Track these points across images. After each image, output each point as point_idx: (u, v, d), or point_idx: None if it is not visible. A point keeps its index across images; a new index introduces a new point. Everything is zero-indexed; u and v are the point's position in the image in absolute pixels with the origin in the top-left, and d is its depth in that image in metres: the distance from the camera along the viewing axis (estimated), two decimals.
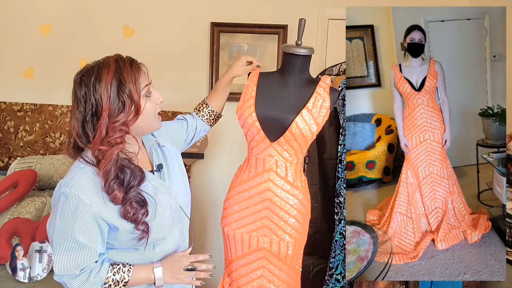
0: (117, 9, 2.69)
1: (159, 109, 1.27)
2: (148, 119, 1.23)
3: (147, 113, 1.21)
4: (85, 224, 1.15)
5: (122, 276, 1.20)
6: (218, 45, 2.66)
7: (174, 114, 2.70)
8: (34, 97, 2.76)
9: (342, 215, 2.17)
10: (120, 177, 1.16)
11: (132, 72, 1.17)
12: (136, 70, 1.19)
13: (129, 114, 1.16)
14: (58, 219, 1.15)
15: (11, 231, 2.22)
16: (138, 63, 1.23)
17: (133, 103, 1.16)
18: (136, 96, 1.16)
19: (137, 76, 1.18)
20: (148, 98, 1.22)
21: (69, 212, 1.14)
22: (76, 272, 1.16)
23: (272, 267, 1.58)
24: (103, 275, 1.18)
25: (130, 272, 1.21)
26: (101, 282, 1.17)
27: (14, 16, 2.72)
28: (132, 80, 1.16)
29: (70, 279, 1.17)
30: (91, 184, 1.16)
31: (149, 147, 1.36)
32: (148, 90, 1.22)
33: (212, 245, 2.83)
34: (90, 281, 1.16)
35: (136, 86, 1.17)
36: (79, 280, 1.16)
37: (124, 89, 1.15)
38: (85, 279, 1.16)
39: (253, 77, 1.63)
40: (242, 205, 1.59)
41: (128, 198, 1.16)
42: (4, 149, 2.76)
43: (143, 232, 1.19)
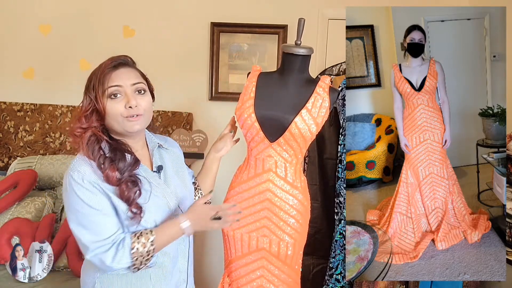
0: (117, 9, 2.69)
1: (127, 113, 1.25)
2: (114, 119, 1.26)
3: (110, 114, 1.25)
4: (98, 198, 1.21)
5: (146, 237, 1.23)
6: (218, 45, 2.66)
7: (174, 114, 2.70)
8: (34, 97, 2.76)
9: (342, 215, 2.17)
10: (112, 158, 1.23)
11: (102, 71, 1.25)
12: (108, 71, 1.25)
13: (91, 110, 1.25)
14: (73, 201, 1.21)
15: (11, 231, 2.22)
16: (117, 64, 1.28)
17: (94, 101, 1.24)
18: (98, 95, 1.24)
19: (105, 77, 1.24)
20: (113, 100, 1.25)
21: (80, 191, 1.20)
22: (106, 243, 1.20)
23: (272, 267, 1.58)
24: (128, 241, 1.21)
25: (152, 232, 1.24)
26: (129, 248, 1.21)
27: (14, 16, 2.72)
28: (97, 80, 1.24)
29: (103, 253, 1.20)
30: (91, 166, 1.23)
31: (151, 148, 1.40)
32: (117, 91, 1.25)
33: (212, 245, 2.83)
34: (119, 251, 1.20)
35: (102, 86, 1.24)
36: (111, 252, 1.20)
37: (89, 87, 1.25)
38: (115, 250, 1.20)
39: (252, 77, 1.62)
40: (242, 205, 1.58)
41: (123, 179, 1.22)
42: (4, 149, 2.76)
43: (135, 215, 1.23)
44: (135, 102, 1.25)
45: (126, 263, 1.21)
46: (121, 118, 1.25)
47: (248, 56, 2.69)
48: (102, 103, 1.24)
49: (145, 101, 1.29)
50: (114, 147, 1.26)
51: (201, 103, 2.75)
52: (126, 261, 1.21)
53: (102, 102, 1.24)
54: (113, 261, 1.20)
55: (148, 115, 1.31)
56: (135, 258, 1.21)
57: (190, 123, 2.73)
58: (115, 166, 1.22)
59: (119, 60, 1.29)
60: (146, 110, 1.30)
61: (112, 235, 1.21)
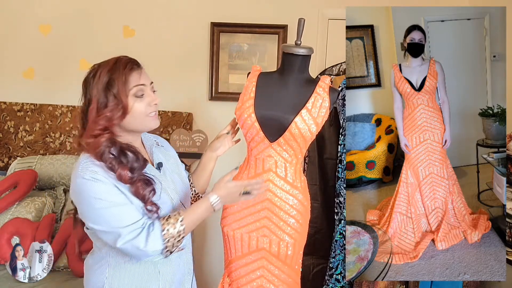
0: (117, 9, 2.69)
1: (152, 110, 1.30)
2: (138, 118, 1.27)
3: (135, 113, 1.26)
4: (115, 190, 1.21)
5: (175, 218, 1.25)
6: (218, 45, 2.66)
7: (174, 114, 2.70)
8: (34, 97, 2.76)
9: (342, 215, 2.17)
10: (122, 159, 1.23)
11: (123, 72, 1.24)
12: (129, 70, 1.25)
13: (115, 111, 1.22)
14: (89, 201, 1.20)
15: (11, 231, 2.22)
16: (135, 64, 1.28)
17: (119, 102, 1.22)
18: (124, 95, 1.23)
19: (128, 76, 1.24)
20: (138, 98, 1.27)
21: (95, 188, 1.19)
22: (136, 227, 1.20)
23: (272, 267, 1.58)
24: (158, 225, 1.23)
25: (180, 213, 1.27)
26: (160, 230, 1.22)
27: (14, 16, 2.72)
28: (122, 80, 1.23)
29: (135, 238, 1.20)
30: (100, 167, 1.22)
31: (149, 146, 1.42)
32: (141, 90, 1.27)
33: (212, 245, 2.83)
34: (151, 234, 1.21)
35: (126, 85, 1.23)
36: (143, 236, 1.20)
37: (111, 87, 1.22)
38: (146, 234, 1.21)
39: (252, 77, 1.62)
40: (242, 205, 1.59)
41: (135, 178, 1.23)
42: (4, 149, 2.76)
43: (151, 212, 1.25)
44: (157, 100, 1.31)
45: (159, 246, 1.22)
46: (144, 117, 1.28)
47: (248, 56, 2.69)
48: (127, 102, 1.24)
49: (159, 100, 1.34)
50: (123, 148, 1.26)
51: (201, 103, 2.75)
52: (159, 244, 1.21)
53: (127, 102, 1.24)
54: (146, 244, 1.20)
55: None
56: (167, 240, 1.22)
57: (190, 123, 2.73)
58: (126, 166, 1.23)
59: (135, 62, 1.30)
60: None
61: (140, 220, 1.22)
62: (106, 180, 1.20)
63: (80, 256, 2.17)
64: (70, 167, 2.53)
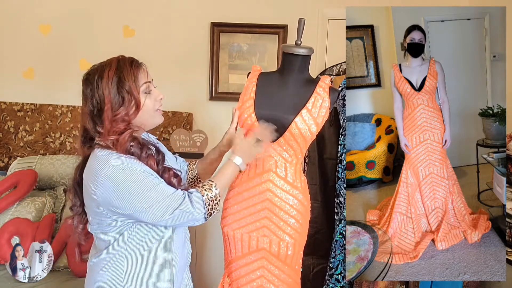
0: (117, 9, 2.69)
1: (159, 105, 1.36)
2: (148, 114, 1.33)
3: (146, 108, 1.31)
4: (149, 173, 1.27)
5: (209, 184, 1.35)
6: (218, 45, 2.66)
7: (174, 114, 2.70)
8: (34, 97, 2.76)
9: (342, 215, 2.17)
10: (148, 152, 1.31)
11: (131, 70, 1.29)
12: (136, 68, 1.30)
13: (129, 108, 1.28)
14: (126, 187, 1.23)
15: (11, 231, 2.22)
16: (138, 62, 1.34)
17: (133, 98, 1.28)
18: (136, 92, 1.28)
19: (137, 73, 1.30)
20: (147, 95, 1.33)
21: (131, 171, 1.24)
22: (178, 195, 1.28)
23: (272, 268, 1.58)
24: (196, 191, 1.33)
25: (211, 179, 1.38)
26: (200, 195, 1.32)
27: (14, 16, 2.72)
28: (132, 78, 1.28)
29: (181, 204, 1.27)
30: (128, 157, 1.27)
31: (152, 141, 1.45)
32: (148, 87, 1.33)
33: (212, 245, 2.83)
34: (193, 198, 1.30)
35: (136, 83, 1.28)
36: (187, 200, 1.28)
37: (124, 85, 1.26)
38: (189, 198, 1.29)
39: (252, 77, 1.62)
40: (242, 205, 1.59)
41: (163, 168, 1.33)
42: (4, 149, 2.76)
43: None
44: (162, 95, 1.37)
45: (203, 209, 1.31)
46: (153, 112, 1.35)
47: (248, 56, 2.69)
48: (139, 98, 1.29)
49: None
50: (145, 143, 1.33)
51: (201, 103, 2.75)
52: (202, 207, 1.31)
53: (139, 98, 1.29)
54: (193, 206, 1.29)
55: None
56: (207, 204, 1.32)
57: (190, 123, 2.73)
58: (153, 158, 1.31)
59: (135, 59, 1.34)
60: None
61: (178, 190, 1.30)
62: (140, 167, 1.26)
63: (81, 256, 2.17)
64: (70, 167, 2.53)
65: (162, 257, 1.37)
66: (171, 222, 1.29)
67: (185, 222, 1.31)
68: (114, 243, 1.31)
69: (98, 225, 1.32)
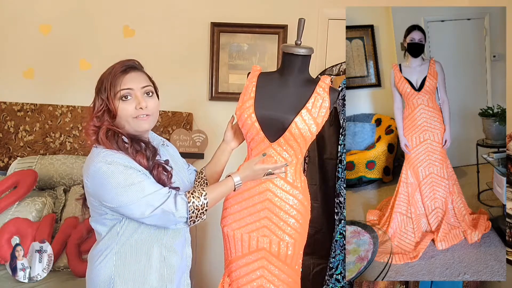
0: (117, 9, 2.69)
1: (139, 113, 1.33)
2: (124, 120, 1.33)
3: (121, 114, 1.32)
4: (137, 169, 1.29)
5: (199, 192, 1.34)
6: (218, 45, 2.66)
7: (174, 114, 2.70)
8: (34, 97, 2.76)
9: (342, 215, 2.17)
10: (136, 147, 1.33)
11: (113, 77, 1.32)
12: (120, 74, 1.33)
13: (103, 111, 1.32)
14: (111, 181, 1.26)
15: (11, 231, 2.22)
16: (133, 67, 1.35)
17: (104, 103, 1.31)
18: (110, 97, 1.31)
19: (115, 80, 1.32)
20: (123, 101, 1.32)
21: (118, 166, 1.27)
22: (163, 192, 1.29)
23: (272, 267, 1.58)
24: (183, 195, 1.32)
25: (203, 189, 1.36)
26: (185, 200, 1.32)
27: (14, 16, 2.72)
28: (108, 83, 1.31)
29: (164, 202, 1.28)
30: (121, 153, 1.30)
31: (157, 144, 1.47)
32: (128, 93, 1.32)
33: (212, 245, 2.83)
34: (178, 199, 1.30)
35: (113, 88, 1.31)
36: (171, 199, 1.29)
37: (101, 89, 1.32)
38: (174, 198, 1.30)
39: (253, 77, 1.62)
40: (242, 205, 1.59)
41: (153, 164, 1.33)
42: (4, 149, 2.76)
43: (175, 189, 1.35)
44: (145, 104, 1.33)
45: (185, 213, 1.30)
46: (131, 119, 1.33)
47: (248, 56, 2.69)
48: (114, 104, 1.31)
49: (153, 102, 1.37)
50: (136, 138, 1.35)
51: (201, 103, 2.75)
52: (185, 211, 1.30)
53: (114, 104, 1.31)
54: (175, 207, 1.28)
55: (155, 115, 1.40)
56: (191, 211, 1.31)
57: (190, 123, 2.73)
58: (143, 153, 1.32)
59: (129, 64, 1.36)
60: (154, 111, 1.38)
61: (165, 188, 1.31)
62: (128, 163, 1.28)
63: (80, 256, 2.17)
64: (70, 167, 2.53)
65: (155, 256, 1.36)
66: (153, 221, 1.30)
67: (167, 223, 1.32)
68: (106, 236, 1.35)
69: (94, 217, 1.37)
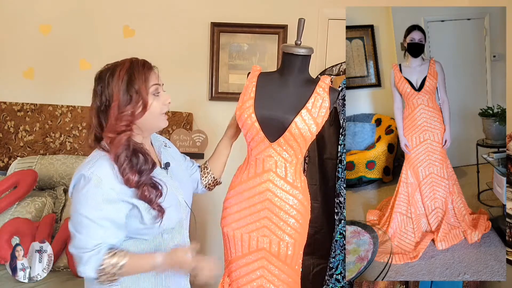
0: (117, 9, 2.69)
1: (166, 109, 1.37)
2: (154, 116, 1.33)
3: (153, 110, 1.32)
4: (103, 206, 1.23)
5: (117, 260, 1.25)
6: (218, 45, 2.66)
7: (174, 114, 2.70)
8: (34, 97, 2.76)
9: (342, 215, 2.17)
10: (133, 161, 1.28)
11: (143, 71, 1.30)
12: (147, 70, 1.32)
13: (136, 107, 1.28)
14: (81, 199, 1.24)
15: (11, 231, 2.22)
16: (151, 65, 1.36)
17: (141, 98, 1.28)
18: (144, 92, 1.29)
19: (147, 75, 1.31)
20: (156, 97, 1.33)
21: (88, 194, 1.23)
22: (92, 245, 1.23)
23: (272, 267, 1.58)
24: (101, 257, 1.24)
25: (126, 257, 1.26)
26: (99, 262, 1.24)
27: (14, 16, 2.72)
28: (142, 78, 1.29)
29: (82, 252, 1.24)
30: (111, 168, 1.26)
31: (158, 147, 1.48)
32: (157, 89, 1.33)
33: (212, 245, 2.83)
34: (92, 259, 1.24)
35: (146, 83, 1.30)
36: (87, 255, 1.23)
37: (133, 84, 1.28)
38: (88, 256, 1.23)
39: (252, 77, 1.62)
40: (242, 205, 1.59)
41: (143, 181, 1.27)
42: (4, 149, 2.76)
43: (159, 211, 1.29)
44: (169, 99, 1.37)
45: (91, 274, 1.25)
46: (159, 115, 1.35)
47: (248, 56, 2.69)
48: (147, 99, 1.29)
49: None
50: (136, 150, 1.30)
51: (201, 103, 2.75)
52: (92, 272, 1.24)
53: (147, 98, 1.29)
54: (84, 264, 1.24)
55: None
56: (100, 275, 1.25)
57: (190, 123, 2.73)
58: (135, 170, 1.27)
59: (147, 61, 1.36)
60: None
61: (97, 243, 1.24)
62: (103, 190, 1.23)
63: None
64: (70, 167, 2.53)
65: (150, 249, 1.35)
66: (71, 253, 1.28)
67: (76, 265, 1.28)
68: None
69: None
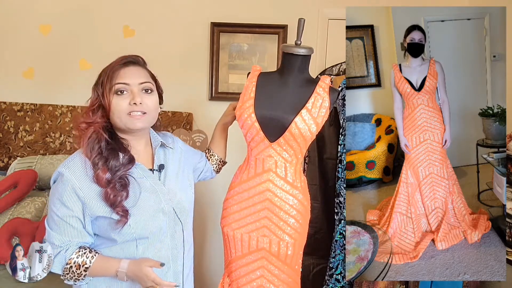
0: (117, 9, 2.69)
1: (132, 109, 1.27)
2: (117, 116, 1.27)
3: (114, 110, 1.27)
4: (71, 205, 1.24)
5: (84, 260, 1.26)
6: (218, 45, 2.66)
7: (174, 114, 2.70)
8: (34, 97, 2.76)
9: (342, 215, 2.17)
10: (107, 158, 1.24)
11: (109, 68, 1.28)
12: (120, 67, 1.28)
13: (97, 105, 1.27)
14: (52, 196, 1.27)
15: (11, 231, 2.22)
16: (132, 62, 1.31)
17: (100, 97, 1.27)
18: (106, 91, 1.26)
19: (114, 73, 1.27)
20: (118, 96, 1.27)
21: (60, 191, 1.25)
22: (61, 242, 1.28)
23: (272, 267, 1.58)
24: (68, 255, 1.27)
25: (93, 258, 1.26)
26: (65, 261, 1.28)
27: (14, 16, 2.72)
28: (106, 75, 1.27)
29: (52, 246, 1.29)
30: (83, 166, 1.25)
31: (155, 147, 1.41)
32: (123, 88, 1.27)
33: (212, 245, 2.83)
34: (59, 255, 1.28)
35: (109, 82, 1.26)
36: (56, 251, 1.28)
37: (98, 82, 1.29)
38: (55, 254, 1.28)
39: (252, 77, 1.62)
40: (242, 205, 1.59)
41: (113, 181, 1.23)
42: (4, 149, 2.76)
43: (122, 217, 1.23)
44: (140, 100, 1.27)
45: (57, 271, 1.30)
46: (124, 115, 1.27)
47: (248, 56, 2.69)
48: (108, 98, 1.26)
49: (151, 100, 1.31)
50: (112, 147, 1.27)
51: (201, 103, 2.75)
52: (58, 270, 1.30)
53: (108, 98, 1.26)
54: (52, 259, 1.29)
55: (153, 114, 1.33)
56: (66, 273, 1.28)
57: (190, 123, 2.73)
58: (107, 167, 1.23)
59: (130, 59, 1.31)
60: (151, 110, 1.31)
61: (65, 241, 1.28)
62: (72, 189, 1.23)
63: None
64: None
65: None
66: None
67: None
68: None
69: None
